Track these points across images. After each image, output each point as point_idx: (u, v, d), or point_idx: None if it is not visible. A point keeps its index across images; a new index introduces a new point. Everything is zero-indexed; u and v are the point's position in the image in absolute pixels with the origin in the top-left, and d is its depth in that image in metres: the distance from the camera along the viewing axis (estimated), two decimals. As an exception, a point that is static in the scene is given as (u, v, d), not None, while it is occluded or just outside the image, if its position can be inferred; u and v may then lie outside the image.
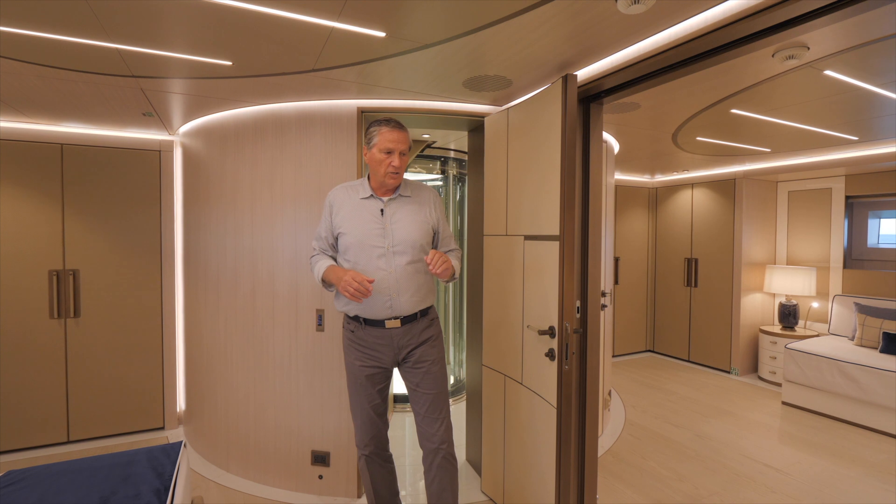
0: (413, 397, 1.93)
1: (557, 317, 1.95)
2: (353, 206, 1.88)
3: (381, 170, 1.82)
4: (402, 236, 1.84)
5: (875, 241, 4.56)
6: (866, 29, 1.68)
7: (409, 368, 1.91)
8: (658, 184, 5.81)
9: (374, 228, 1.84)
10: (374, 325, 1.85)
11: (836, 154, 3.98)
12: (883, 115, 2.78)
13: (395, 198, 1.89)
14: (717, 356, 5.07)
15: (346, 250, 1.86)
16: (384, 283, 1.80)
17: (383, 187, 1.88)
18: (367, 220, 1.84)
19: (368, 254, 1.81)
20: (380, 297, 1.81)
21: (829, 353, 3.81)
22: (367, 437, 1.93)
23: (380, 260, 1.81)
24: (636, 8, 1.41)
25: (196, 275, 2.95)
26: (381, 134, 1.81)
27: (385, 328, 1.85)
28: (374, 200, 1.88)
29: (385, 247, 1.83)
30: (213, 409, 2.84)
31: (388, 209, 1.86)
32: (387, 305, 1.82)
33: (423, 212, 1.92)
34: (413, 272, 1.85)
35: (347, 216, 1.86)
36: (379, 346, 1.87)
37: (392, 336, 1.86)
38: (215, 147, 2.76)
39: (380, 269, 1.81)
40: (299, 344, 2.58)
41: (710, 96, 2.45)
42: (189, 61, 1.93)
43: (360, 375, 1.89)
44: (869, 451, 3.18)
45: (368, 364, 1.88)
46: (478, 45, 1.77)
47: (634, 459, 3.03)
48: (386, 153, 1.80)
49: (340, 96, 2.43)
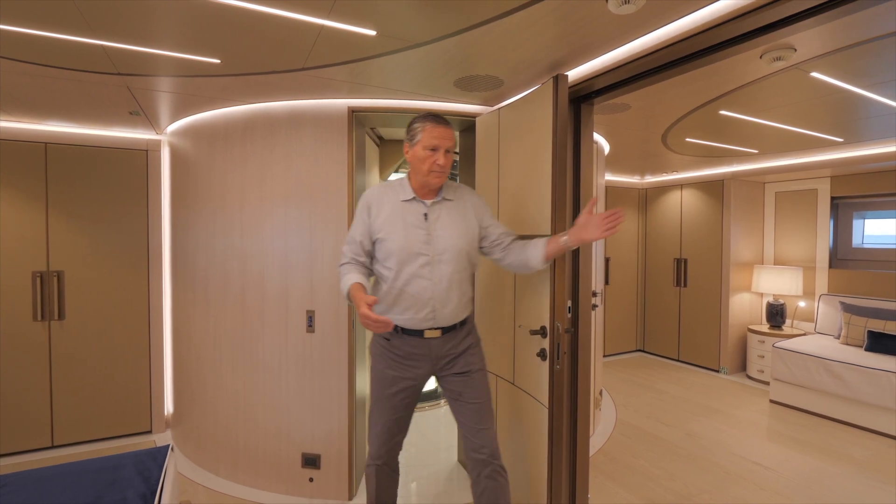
0: (456, 408, 1.79)
1: (549, 317, 1.95)
2: (394, 208, 1.72)
3: (425, 168, 1.68)
4: (447, 244, 1.70)
5: (860, 242, 4.64)
6: (852, 31, 1.70)
7: (449, 378, 1.78)
8: (648, 185, 5.85)
9: (419, 234, 1.69)
10: (412, 334, 1.73)
11: (822, 155, 4.04)
12: (867, 116, 2.83)
13: (438, 201, 1.75)
14: (707, 355, 5.11)
15: (387, 257, 1.70)
16: (427, 293, 1.68)
17: (426, 188, 1.73)
18: (411, 224, 1.70)
19: (413, 261, 1.67)
20: (422, 307, 1.69)
21: (816, 351, 3.86)
22: (384, 448, 1.80)
23: (424, 268, 1.68)
24: (626, 8, 1.42)
25: (184, 276, 2.91)
26: (425, 130, 1.68)
27: (423, 338, 1.73)
28: (417, 203, 1.74)
29: (430, 254, 1.69)
30: (202, 411, 2.80)
31: (431, 213, 1.73)
32: (429, 316, 1.70)
33: (468, 217, 1.79)
34: (458, 282, 1.73)
35: (388, 219, 1.71)
36: (416, 357, 1.74)
37: (431, 346, 1.74)
38: (204, 147, 2.72)
39: (424, 279, 1.68)
40: (289, 346, 2.55)
41: (699, 97, 2.47)
42: (176, 59, 1.90)
43: (391, 386, 1.74)
44: (855, 447, 3.23)
45: (402, 375, 1.74)
46: (469, 45, 1.76)
47: (626, 458, 3.04)
48: (431, 150, 1.67)
49: (331, 95, 2.42)
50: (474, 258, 1.81)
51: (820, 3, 1.33)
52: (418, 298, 1.68)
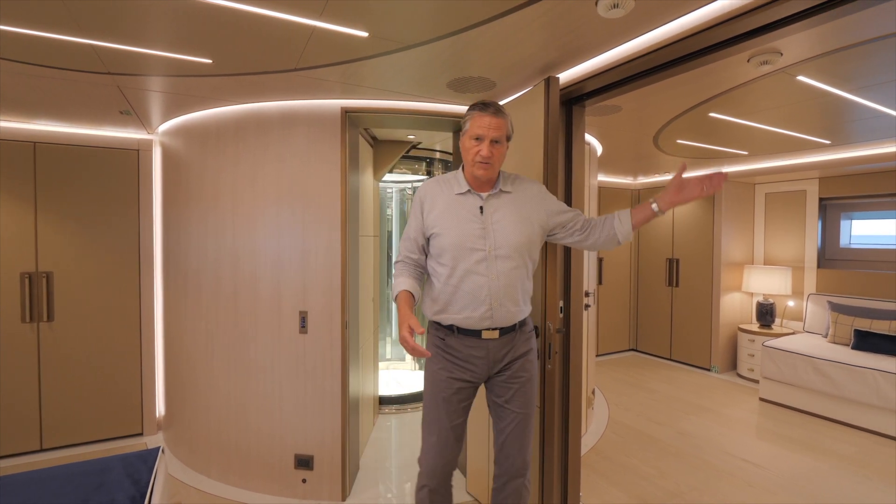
0: (498, 413, 1.72)
1: (541, 317, 1.96)
2: (448, 202, 1.66)
3: (469, 158, 1.62)
4: (504, 238, 1.61)
5: (847, 242, 4.71)
6: (836, 36, 1.73)
7: (500, 382, 1.70)
8: (641, 185, 5.90)
9: (474, 228, 1.61)
10: (469, 334, 1.63)
11: (810, 157, 4.10)
12: (853, 119, 2.87)
13: (495, 193, 1.66)
14: (698, 354, 5.16)
15: (441, 253, 1.63)
16: (484, 291, 1.59)
17: (480, 180, 1.65)
18: (465, 218, 1.62)
19: (468, 257, 1.60)
20: (479, 305, 1.60)
21: (804, 350, 3.91)
22: (439, 463, 1.65)
23: (480, 265, 1.60)
24: (616, 12, 1.44)
25: (176, 277, 2.89)
26: (472, 119, 1.60)
27: (481, 338, 1.63)
28: (472, 196, 1.66)
29: (486, 250, 1.60)
30: (194, 413, 2.79)
31: (487, 206, 1.64)
32: (486, 315, 1.61)
33: (528, 209, 1.67)
34: (517, 278, 1.63)
35: (442, 214, 1.64)
36: (473, 359, 1.65)
37: (489, 348, 1.64)
38: (196, 146, 2.71)
39: (480, 275, 1.59)
40: (282, 346, 2.55)
41: (688, 100, 2.50)
42: (167, 59, 1.89)
43: (447, 389, 1.65)
44: (842, 444, 3.28)
45: (458, 377, 1.65)
46: (461, 47, 1.77)
47: (618, 457, 3.07)
48: (475, 140, 1.59)
49: (324, 96, 2.42)
50: (535, 254, 1.70)
51: (804, 8, 1.36)
52: (475, 296, 1.60)
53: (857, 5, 1.32)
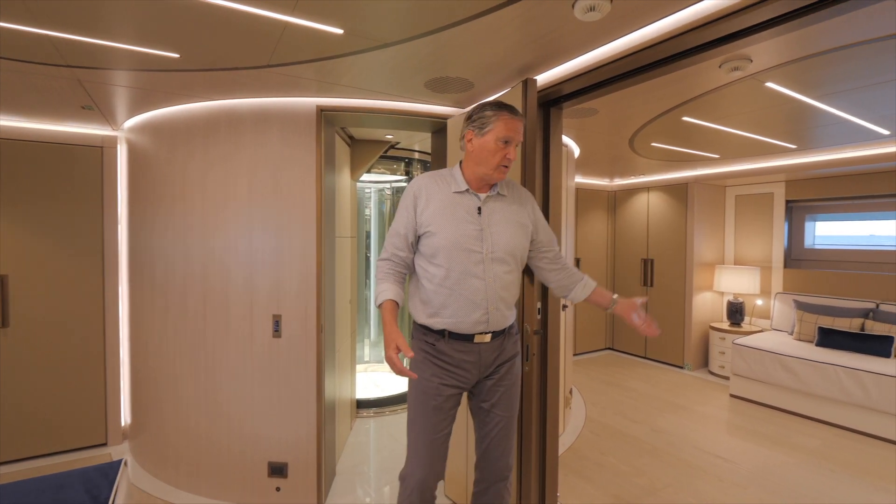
0: (482, 418, 1.69)
1: (518, 319, 1.96)
2: (445, 200, 1.59)
3: (493, 161, 1.55)
4: (501, 241, 1.59)
5: (811, 243, 4.88)
6: (803, 44, 1.78)
7: (488, 387, 1.67)
8: (616, 187, 5.99)
9: (472, 230, 1.57)
10: (461, 338, 1.59)
11: (777, 161, 4.23)
12: (818, 125, 2.97)
13: (492, 195, 1.63)
14: (672, 352, 5.28)
15: (434, 253, 1.56)
16: (481, 294, 1.56)
17: (483, 181, 1.61)
18: (463, 218, 1.57)
19: (464, 259, 1.55)
20: (475, 309, 1.56)
21: (771, 347, 4.04)
22: (431, 476, 1.59)
23: (476, 267, 1.55)
24: (592, 15, 1.44)
25: (142, 279, 2.78)
26: (501, 119, 1.54)
27: (473, 343, 1.59)
28: (471, 196, 1.61)
29: (483, 252, 1.56)
30: (161, 421, 2.69)
31: (485, 208, 1.60)
32: (482, 319, 1.57)
33: (523, 214, 1.68)
34: (510, 282, 1.62)
35: (438, 212, 1.57)
36: (465, 364, 1.61)
37: (481, 352, 1.61)
38: (163, 144, 2.61)
39: (476, 278, 1.55)
40: (255, 351, 2.47)
41: (663, 104, 2.54)
42: (131, 52, 1.81)
43: (439, 396, 1.59)
44: (806, 438, 3.40)
45: (449, 383, 1.61)
46: (439, 46, 1.75)
47: (595, 456, 3.10)
48: (503, 143, 1.54)
49: (299, 94, 2.36)
50: (525, 258, 1.71)
51: (771, 17, 1.39)
52: (470, 299, 1.55)
53: (819, 16, 1.36)
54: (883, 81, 2.18)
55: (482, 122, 1.57)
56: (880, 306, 3.99)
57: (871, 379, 3.36)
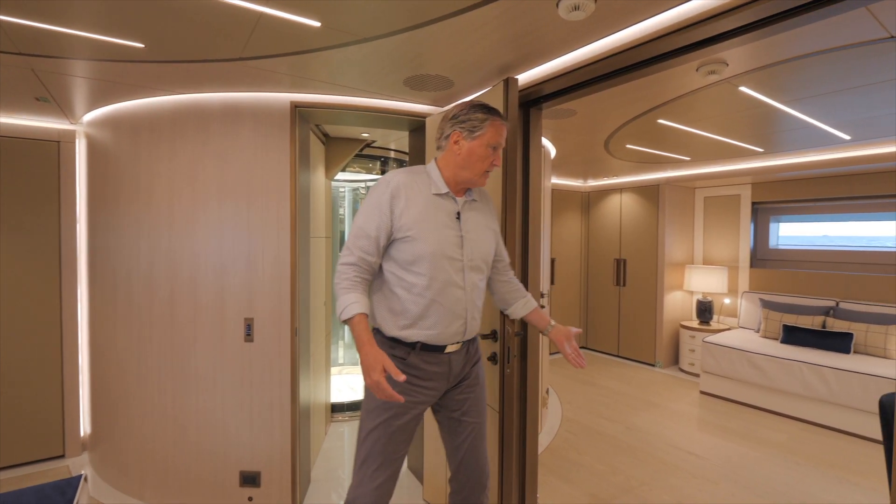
0: (454, 428, 1.60)
1: (500, 320, 1.94)
2: (427, 202, 1.48)
3: (481, 167, 1.50)
4: (478, 249, 1.54)
5: (775, 243, 5.07)
6: (775, 50, 1.83)
7: (456, 395, 1.58)
8: (590, 188, 6.08)
9: (453, 236, 1.49)
10: (433, 350, 1.49)
11: (745, 164, 4.37)
12: (784, 130, 3.08)
13: (468, 201, 1.57)
14: (644, 351, 5.39)
15: (416, 261, 1.44)
16: (462, 304, 1.49)
17: (461, 185, 1.54)
18: (444, 224, 1.48)
19: (447, 267, 1.46)
20: (454, 319, 1.49)
21: (739, 344, 4.17)
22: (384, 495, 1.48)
23: (457, 275, 1.48)
24: (576, 14, 1.43)
25: (104, 282, 2.63)
26: (493, 126, 1.49)
27: (444, 353, 1.51)
28: (450, 200, 1.53)
29: (463, 260, 1.50)
30: (126, 431, 2.55)
31: (463, 214, 1.54)
32: (460, 330, 1.51)
33: (493, 220, 1.65)
34: (483, 290, 1.60)
35: (420, 216, 1.46)
36: (435, 376, 1.51)
37: (451, 362, 1.53)
38: (126, 139, 2.47)
39: (457, 287, 1.48)
40: (225, 356, 2.37)
41: (640, 106, 2.57)
42: (91, 41, 1.70)
43: (405, 415, 1.48)
44: (773, 432, 3.51)
45: (418, 399, 1.50)
46: (419, 43, 1.71)
47: (571, 455, 3.12)
48: (492, 149, 1.50)
49: (272, 89, 2.27)
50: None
51: (753, 21, 1.41)
52: (451, 310, 1.47)
53: (793, 22, 1.39)
54: (846, 88, 2.26)
55: (472, 125, 1.49)
56: (840, 304, 4.18)
57: (833, 374, 3.50)
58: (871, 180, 4.15)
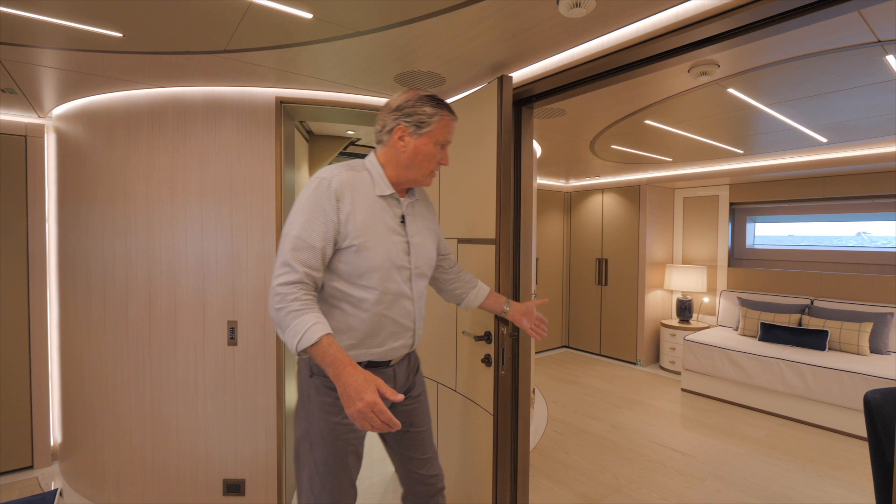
0: (401, 442, 1.48)
1: (494, 321, 1.92)
2: (372, 205, 1.31)
3: (428, 167, 1.37)
4: (423, 254, 1.42)
5: (751, 243, 5.21)
6: (765, 53, 1.85)
7: (403, 408, 1.45)
8: (572, 188, 6.12)
9: (400, 243, 1.35)
10: (378, 366, 1.36)
11: (723, 165, 4.46)
12: (765, 132, 3.14)
13: (412, 201, 1.43)
14: (625, 349, 5.46)
15: (365, 273, 1.28)
16: (411, 316, 1.38)
17: (404, 185, 1.40)
18: (391, 229, 1.34)
19: (397, 278, 1.33)
20: (404, 332, 1.38)
21: (719, 342, 4.26)
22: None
23: (406, 285, 1.36)
24: (577, 12, 1.41)
25: (75, 284, 2.50)
26: (442, 121, 1.35)
27: (388, 366, 1.39)
28: (395, 202, 1.38)
29: (411, 268, 1.37)
30: (100, 440, 2.43)
31: (407, 216, 1.40)
32: (408, 343, 1.40)
33: (433, 221, 1.54)
34: (426, 295, 1.48)
35: (367, 221, 1.29)
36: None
37: (396, 375, 1.41)
38: (100, 134, 2.35)
39: (406, 298, 1.36)
40: (207, 361, 2.28)
41: (629, 106, 2.58)
42: (65, 28, 1.60)
43: (356, 439, 1.34)
44: (753, 428, 3.60)
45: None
46: (413, 38, 1.67)
47: (559, 455, 3.12)
48: (440, 146, 1.37)
49: (257, 83, 2.20)
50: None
51: (746, 23, 1.42)
52: (401, 324, 1.36)
53: (787, 25, 1.40)
54: (829, 92, 2.31)
55: (419, 120, 1.33)
56: (815, 302, 4.31)
57: (810, 371, 3.60)
58: (844, 182, 4.29)
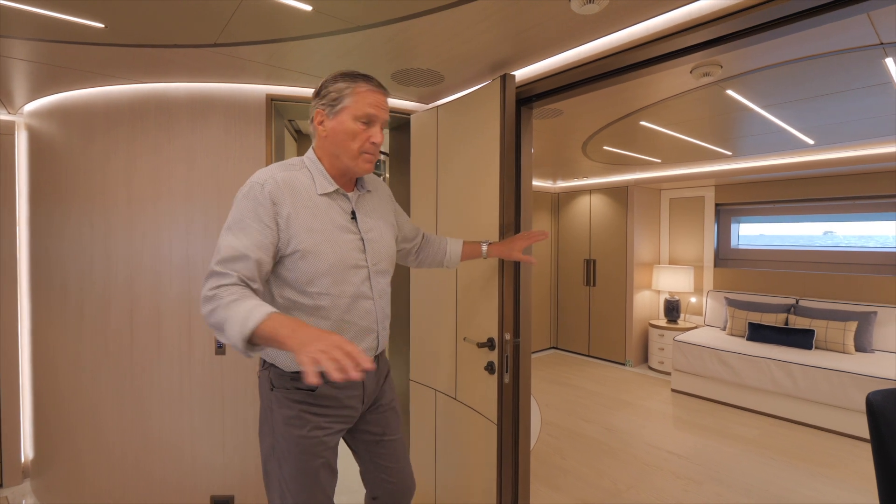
0: (373, 450, 1.42)
1: (497, 327, 1.86)
2: (314, 206, 1.21)
3: (353, 148, 1.21)
4: (381, 249, 1.33)
5: (736, 243, 5.28)
6: (767, 54, 1.84)
7: (375, 415, 1.41)
8: (560, 189, 6.13)
9: (353, 241, 1.26)
10: None
11: (710, 167, 4.51)
12: (755, 133, 3.17)
13: (362, 193, 1.34)
14: (614, 350, 5.47)
15: (312, 281, 1.19)
16: (372, 316, 1.30)
17: (347, 177, 1.28)
18: (341, 228, 1.25)
19: (353, 279, 1.24)
20: (367, 335, 1.30)
21: (709, 342, 4.29)
22: None
23: (364, 286, 1.27)
24: (590, 8, 1.37)
25: (49, 290, 2.35)
26: (356, 93, 1.20)
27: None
28: (341, 197, 1.28)
29: (368, 266, 1.29)
30: (76, 455, 2.29)
31: (358, 210, 1.30)
32: (372, 345, 1.32)
33: (389, 211, 1.45)
34: (389, 293, 1.39)
35: (310, 223, 1.19)
36: (350, 400, 1.31)
37: (366, 382, 1.34)
38: (77, 132, 2.22)
39: (366, 299, 1.28)
40: (193, 371, 2.17)
41: (626, 107, 2.56)
42: (40, 17, 1.48)
43: (325, 450, 1.26)
44: (745, 428, 3.62)
45: (336, 429, 1.29)
46: (414, 34, 1.60)
47: (555, 460, 3.09)
48: (363, 123, 1.21)
49: (246, 80, 2.10)
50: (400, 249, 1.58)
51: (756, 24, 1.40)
52: (362, 326, 1.28)
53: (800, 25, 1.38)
54: (823, 94, 2.33)
55: (332, 98, 1.21)
56: (800, 302, 4.38)
57: (799, 370, 3.65)
58: (828, 183, 4.38)
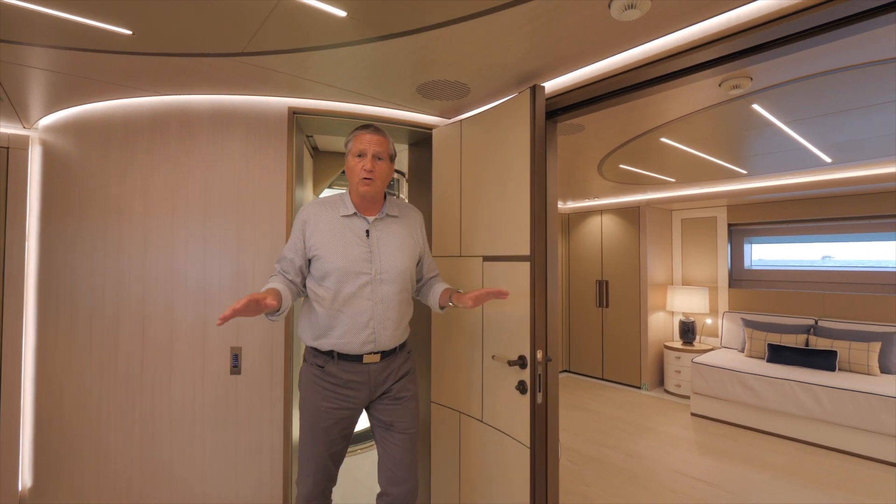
0: (385, 438, 1.69)
1: (529, 344, 1.78)
2: (333, 224, 1.66)
3: (355, 176, 1.64)
4: (390, 263, 1.66)
5: (749, 264, 5.21)
6: (797, 66, 1.82)
7: (384, 405, 1.69)
8: (570, 210, 6.10)
9: (360, 252, 1.63)
10: (350, 359, 1.63)
11: (722, 186, 4.48)
12: (773, 151, 3.14)
13: (381, 217, 1.70)
14: (629, 373, 5.33)
15: (324, 276, 1.62)
16: (367, 314, 1.61)
17: (364, 201, 1.67)
18: (351, 242, 1.64)
19: (352, 281, 1.61)
20: (361, 329, 1.61)
21: (729, 364, 4.17)
22: (319, 489, 1.65)
23: (364, 288, 1.62)
24: (630, 14, 1.34)
25: (57, 307, 2.27)
26: (353, 139, 1.66)
27: (363, 363, 1.64)
28: (359, 219, 1.68)
29: (371, 273, 1.63)
30: (78, 486, 2.16)
31: (374, 230, 1.67)
32: (369, 340, 1.62)
33: (412, 235, 1.76)
34: (399, 303, 1.67)
35: (326, 237, 1.63)
36: (354, 384, 1.64)
37: (370, 372, 1.65)
38: (94, 146, 2.18)
39: (364, 299, 1.62)
40: (206, 392, 2.07)
41: (648, 122, 2.53)
42: (66, 23, 1.45)
43: (327, 419, 1.62)
44: (772, 454, 3.48)
45: (339, 405, 1.63)
46: (442, 44, 1.58)
47: (579, 488, 2.94)
48: (358, 157, 1.64)
49: (269, 92, 2.07)
50: (414, 279, 1.79)
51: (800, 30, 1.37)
52: (357, 320, 1.60)
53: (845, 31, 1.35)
54: (846, 109, 2.30)
55: (346, 145, 1.70)
56: (819, 322, 4.28)
57: (824, 392, 3.53)
58: (843, 202, 4.34)
